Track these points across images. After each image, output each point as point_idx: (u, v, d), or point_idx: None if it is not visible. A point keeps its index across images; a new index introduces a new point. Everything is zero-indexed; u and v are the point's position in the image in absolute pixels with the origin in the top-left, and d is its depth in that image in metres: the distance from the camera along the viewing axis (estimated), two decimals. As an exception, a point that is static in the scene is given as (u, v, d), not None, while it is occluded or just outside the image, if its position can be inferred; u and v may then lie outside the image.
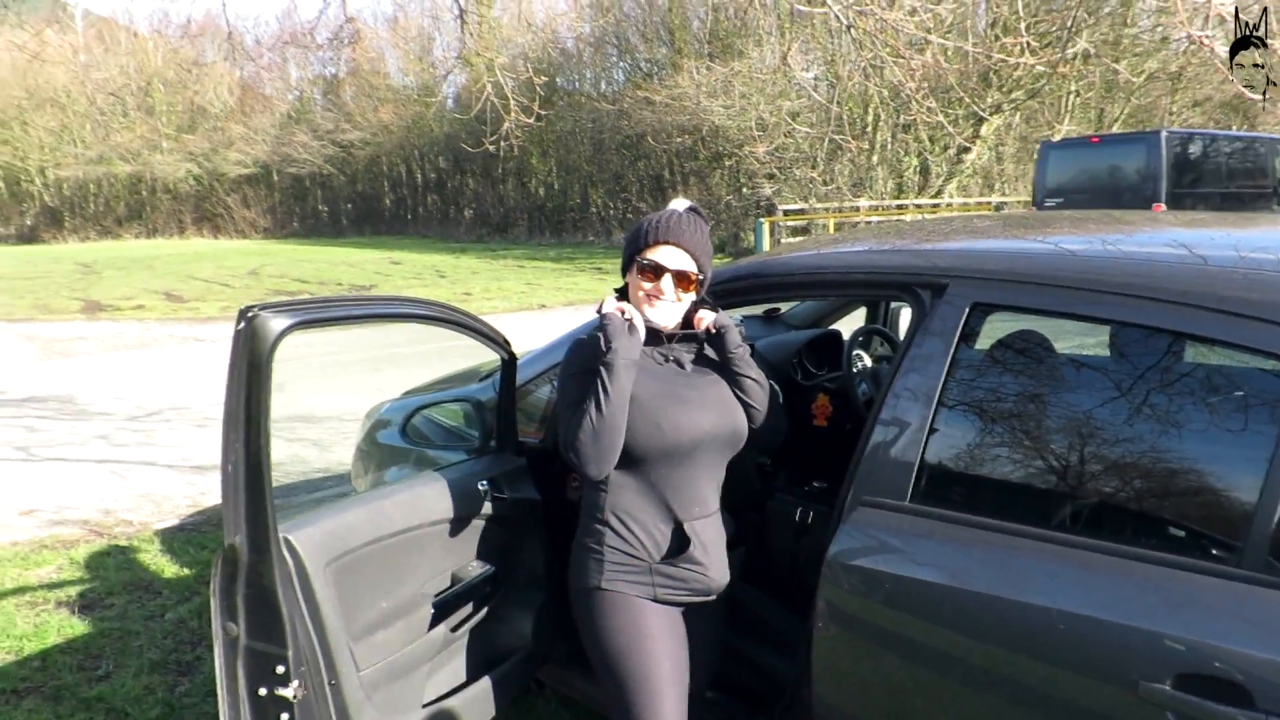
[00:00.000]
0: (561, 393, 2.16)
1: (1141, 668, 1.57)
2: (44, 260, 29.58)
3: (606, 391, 2.01)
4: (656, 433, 2.05)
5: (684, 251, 2.15)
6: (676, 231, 2.14)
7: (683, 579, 2.14)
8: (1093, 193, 13.13)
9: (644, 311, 2.17)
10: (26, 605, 4.33)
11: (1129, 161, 12.96)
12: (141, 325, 15.05)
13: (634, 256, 2.19)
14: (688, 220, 2.17)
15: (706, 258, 2.20)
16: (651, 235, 2.15)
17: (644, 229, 2.18)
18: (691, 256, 2.16)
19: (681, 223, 2.16)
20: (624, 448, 2.07)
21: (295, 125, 42.74)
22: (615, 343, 2.05)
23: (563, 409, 2.12)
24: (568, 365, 2.18)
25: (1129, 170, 12.93)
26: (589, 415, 2.01)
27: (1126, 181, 12.90)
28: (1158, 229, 2.53)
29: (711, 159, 28.37)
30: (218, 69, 38.03)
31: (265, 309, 1.84)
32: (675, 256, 2.15)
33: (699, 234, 2.17)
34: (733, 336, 2.20)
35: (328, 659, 2.02)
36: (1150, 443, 1.82)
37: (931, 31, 5.53)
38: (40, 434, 7.84)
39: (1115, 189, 12.97)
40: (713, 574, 2.18)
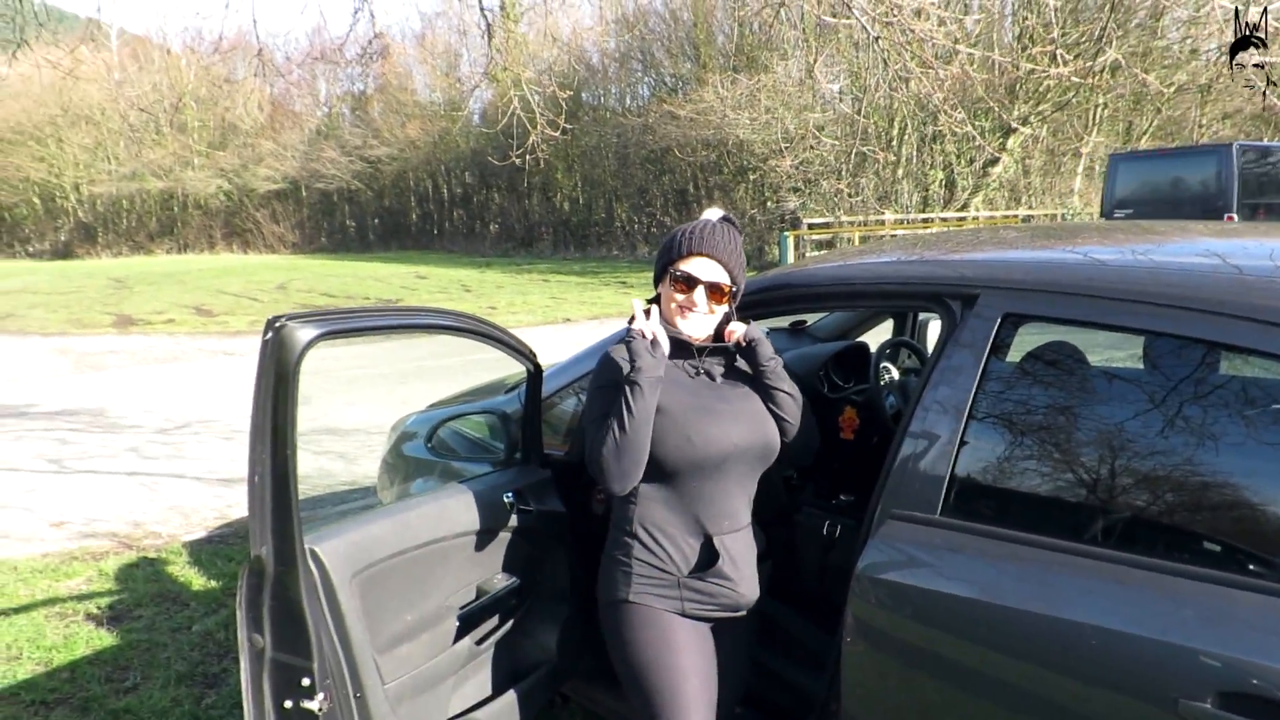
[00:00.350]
0: (588, 405, 2.15)
1: (1181, 686, 1.53)
2: (78, 275, 30.03)
3: (630, 409, 2.00)
4: (686, 445, 2.04)
5: (717, 263, 2.13)
6: (710, 243, 2.12)
7: (711, 594, 2.11)
8: (1162, 204, 13.49)
9: (676, 323, 2.15)
10: (56, 616, 4.36)
11: (1199, 173, 13.25)
12: (172, 339, 15.23)
13: (667, 267, 2.17)
14: (721, 231, 2.15)
15: (740, 269, 2.18)
16: (685, 246, 2.13)
17: (677, 240, 2.16)
18: (724, 268, 2.14)
19: (715, 233, 2.14)
20: (653, 460, 2.05)
21: (324, 141, 43.23)
22: (639, 361, 2.03)
23: (589, 422, 2.11)
24: (596, 377, 2.17)
25: (1199, 181, 13.23)
26: (612, 432, 2.00)
27: (1196, 192, 13.19)
28: (1189, 238, 2.49)
29: (736, 173, 28.38)
30: (248, 86, 38.50)
31: (293, 319, 1.84)
32: (708, 268, 2.13)
33: (732, 245, 2.15)
34: (764, 349, 2.18)
35: (353, 671, 2.02)
36: (1186, 455, 1.78)
37: (959, 43, 5.50)
38: (72, 446, 7.93)
39: (1185, 200, 13.31)
40: (742, 589, 2.15)
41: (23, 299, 21.94)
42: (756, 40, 27.28)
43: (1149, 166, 14.35)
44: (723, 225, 2.17)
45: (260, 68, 6.33)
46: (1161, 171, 14.07)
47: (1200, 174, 13.18)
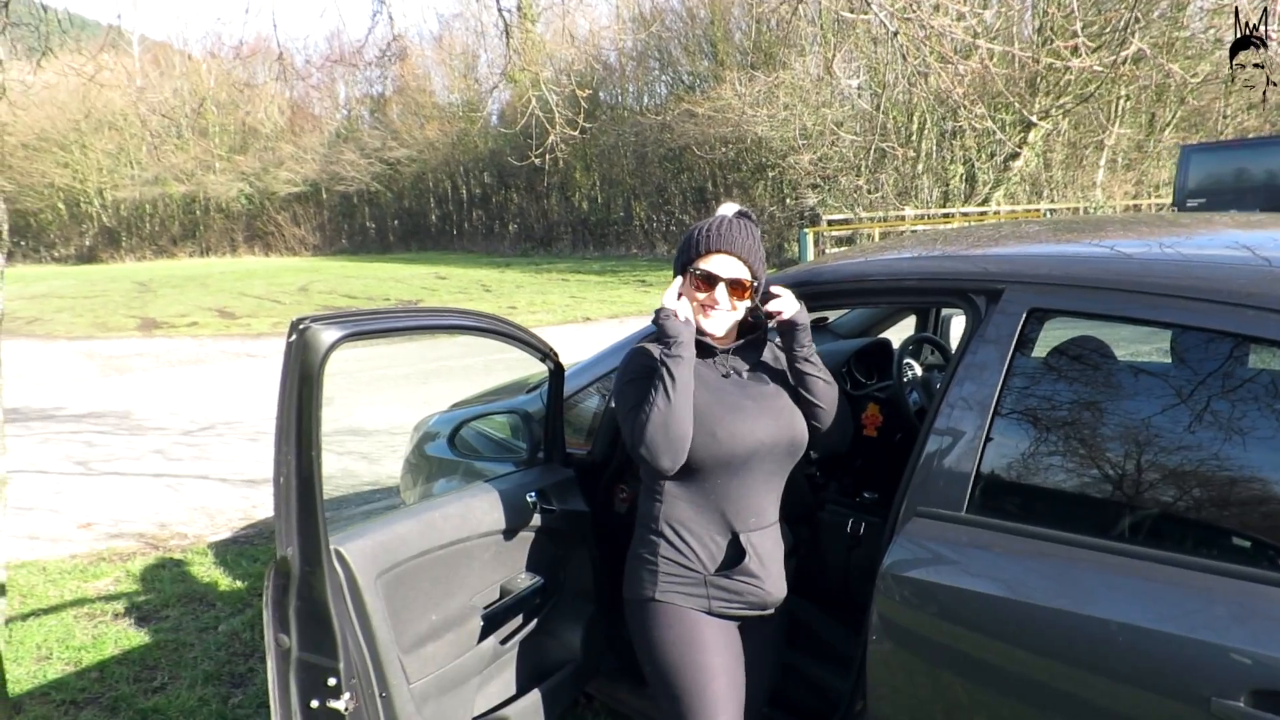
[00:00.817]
0: (621, 398, 2.12)
1: (1213, 684, 1.51)
2: (102, 279, 30.34)
3: (673, 378, 2.00)
4: (712, 441, 2.02)
5: (737, 259, 2.12)
6: (729, 239, 2.11)
7: (738, 592, 2.10)
8: (1234, 194, 13.87)
9: (698, 321, 2.13)
10: (85, 617, 4.41)
11: (1272, 164, 13.77)
12: (195, 341, 15.35)
13: (686, 266, 2.15)
14: (739, 226, 2.14)
15: (760, 263, 2.16)
16: (703, 244, 2.11)
17: (695, 238, 2.14)
18: (744, 264, 2.12)
19: (733, 229, 2.12)
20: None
21: (343, 144, 43.49)
22: (674, 334, 2.04)
23: (625, 412, 2.09)
24: (625, 372, 2.16)
25: (1272, 172, 13.74)
26: (656, 407, 1.98)
27: (1269, 183, 13.68)
28: (1215, 231, 2.46)
29: (755, 170, 28.32)
30: (268, 90, 38.80)
31: (317, 321, 1.85)
32: (728, 265, 2.12)
33: (751, 240, 2.14)
34: (805, 333, 2.16)
35: (379, 671, 2.03)
36: (1214, 450, 1.76)
37: (979, 37, 5.46)
38: (98, 449, 8.01)
39: (1258, 190, 13.74)
40: (769, 587, 2.14)
41: (49, 303, 22.18)
42: (774, 37, 27.21)
43: (1222, 157, 14.67)
44: (740, 220, 2.16)
45: (281, 71, 6.36)
46: (1234, 162, 14.47)
47: (1273, 164, 13.64)
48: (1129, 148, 25.52)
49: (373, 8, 6.19)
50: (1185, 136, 25.35)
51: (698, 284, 2.12)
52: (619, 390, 2.15)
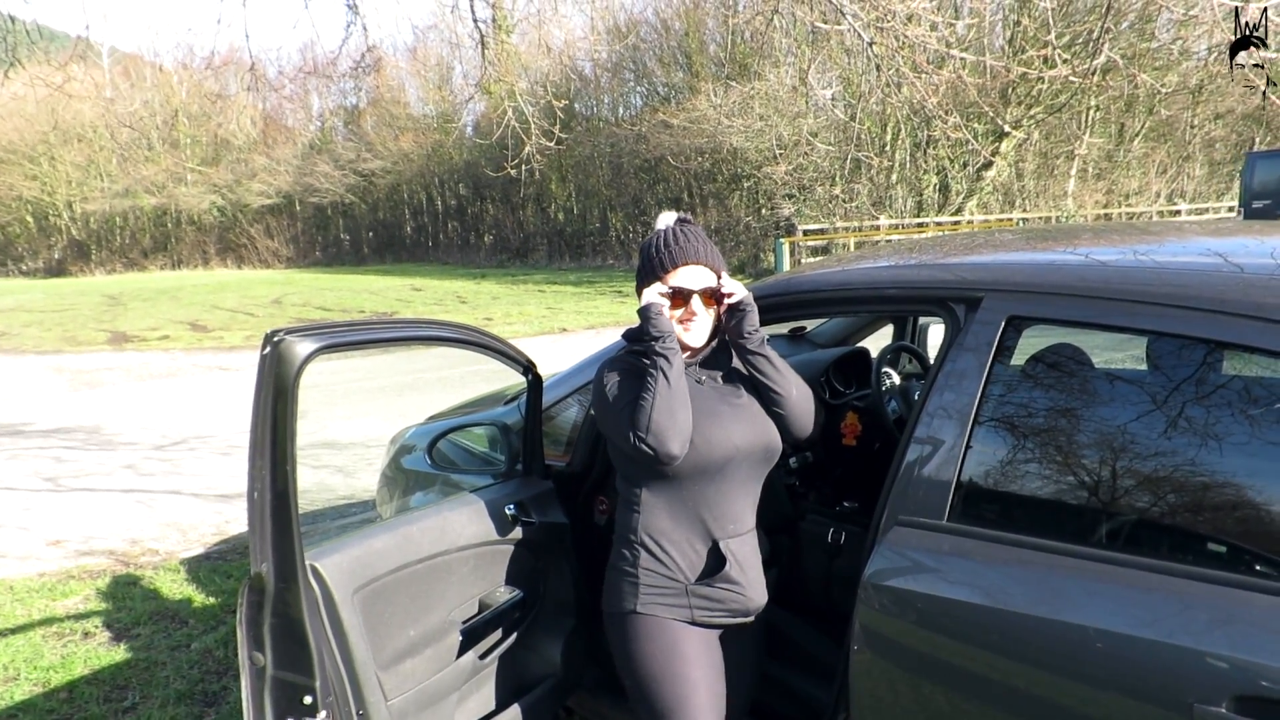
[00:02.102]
0: (604, 401, 2.10)
1: (1194, 690, 1.51)
2: (71, 293, 29.99)
3: (671, 364, 2.01)
4: (690, 450, 2.02)
5: (702, 266, 2.14)
6: (691, 250, 2.13)
7: (720, 600, 2.10)
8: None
9: (682, 338, 2.14)
10: (54, 636, 4.33)
11: None
12: (167, 355, 15.19)
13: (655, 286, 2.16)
14: (691, 234, 2.16)
15: (721, 264, 2.19)
16: (667, 261, 2.13)
17: (657, 257, 2.15)
18: (709, 269, 2.15)
19: (690, 238, 2.15)
20: (656, 466, 2.04)
21: (317, 155, 43.28)
22: (662, 327, 2.05)
23: (618, 408, 2.06)
24: (606, 378, 2.13)
25: None
26: (657, 394, 1.98)
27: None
28: (1188, 238, 2.48)
29: (730, 180, 28.44)
30: (241, 101, 38.57)
31: (291, 333, 1.82)
32: (696, 275, 2.13)
33: (706, 243, 2.17)
34: (751, 319, 2.16)
35: (355, 688, 1.99)
36: (1191, 456, 1.76)
37: (951, 47, 5.51)
38: (68, 464, 7.89)
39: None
40: (750, 594, 2.14)
41: (17, 317, 21.89)
42: (749, 48, 27.39)
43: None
44: (688, 229, 2.18)
45: (253, 82, 6.32)
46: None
47: None
48: (1099, 157, 25.84)
49: (346, 19, 6.16)
50: (1153, 146, 25.72)
51: (673, 302, 2.13)
52: (605, 391, 2.11)
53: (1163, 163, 25.75)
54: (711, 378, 2.19)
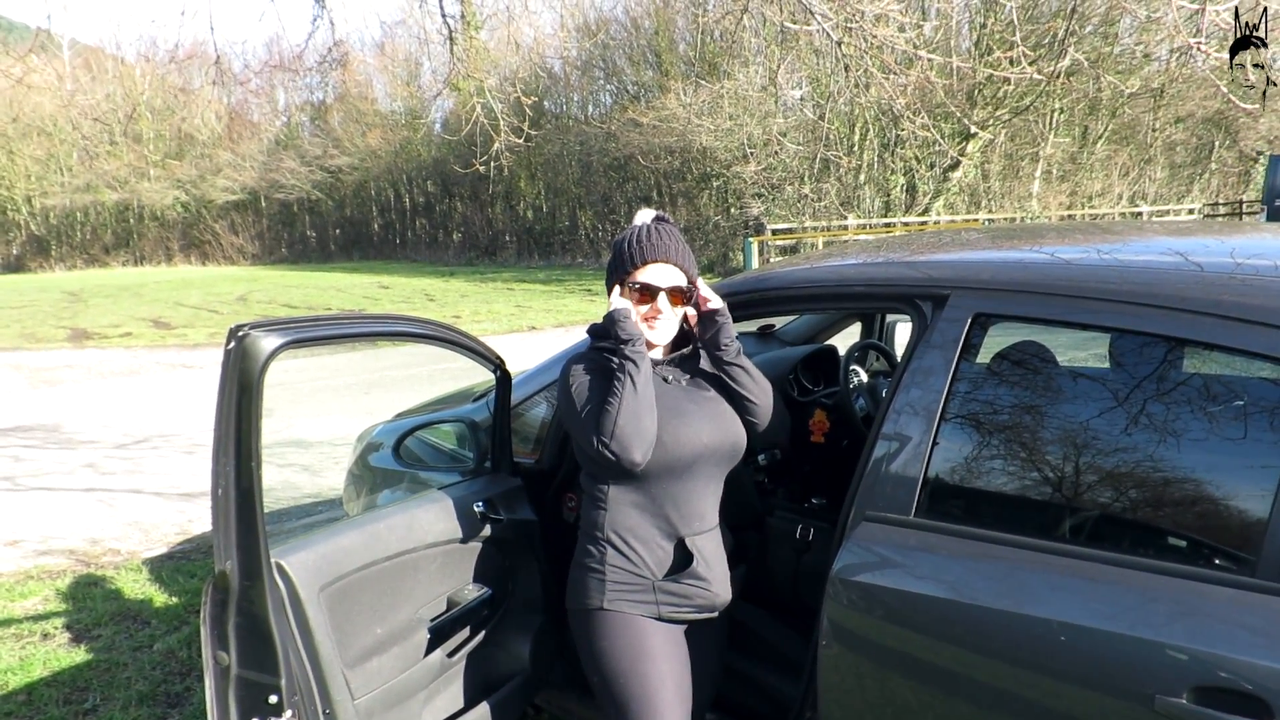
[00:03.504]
0: (570, 401, 2.09)
1: (1156, 681, 1.53)
2: (30, 289, 29.47)
3: (640, 371, 2.01)
4: (657, 447, 2.02)
5: (672, 265, 2.13)
6: (662, 248, 2.12)
7: (686, 595, 2.10)
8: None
9: (647, 335, 2.14)
10: (11, 638, 4.25)
11: None
12: (129, 353, 14.96)
13: (623, 281, 2.15)
14: (667, 232, 2.15)
15: (691, 264, 2.18)
16: (638, 256, 2.11)
17: (627, 252, 2.14)
18: (678, 268, 2.14)
19: (662, 236, 2.13)
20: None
21: (283, 151, 42.86)
22: (631, 330, 2.05)
23: (584, 410, 2.05)
24: (573, 376, 2.12)
25: None
26: (622, 399, 1.97)
27: None
28: (1150, 238, 2.52)
29: (700, 179, 28.50)
30: (205, 95, 38.08)
31: (256, 327, 1.80)
32: (665, 273, 2.13)
33: (679, 244, 2.16)
34: (729, 331, 2.17)
35: (321, 687, 1.97)
36: (1153, 452, 1.79)
37: (919, 48, 5.55)
38: (26, 463, 7.75)
39: None
40: (716, 589, 2.14)
41: (-26, 314, 21.47)
42: (718, 48, 27.44)
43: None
44: (662, 227, 2.16)
45: (219, 76, 6.23)
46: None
47: None
48: (1063, 159, 26.16)
49: (313, 12, 6.09)
50: (1116, 149, 26.09)
51: (640, 297, 2.13)
52: (571, 391, 2.10)
53: (1125, 165, 26.11)
54: (678, 376, 2.18)
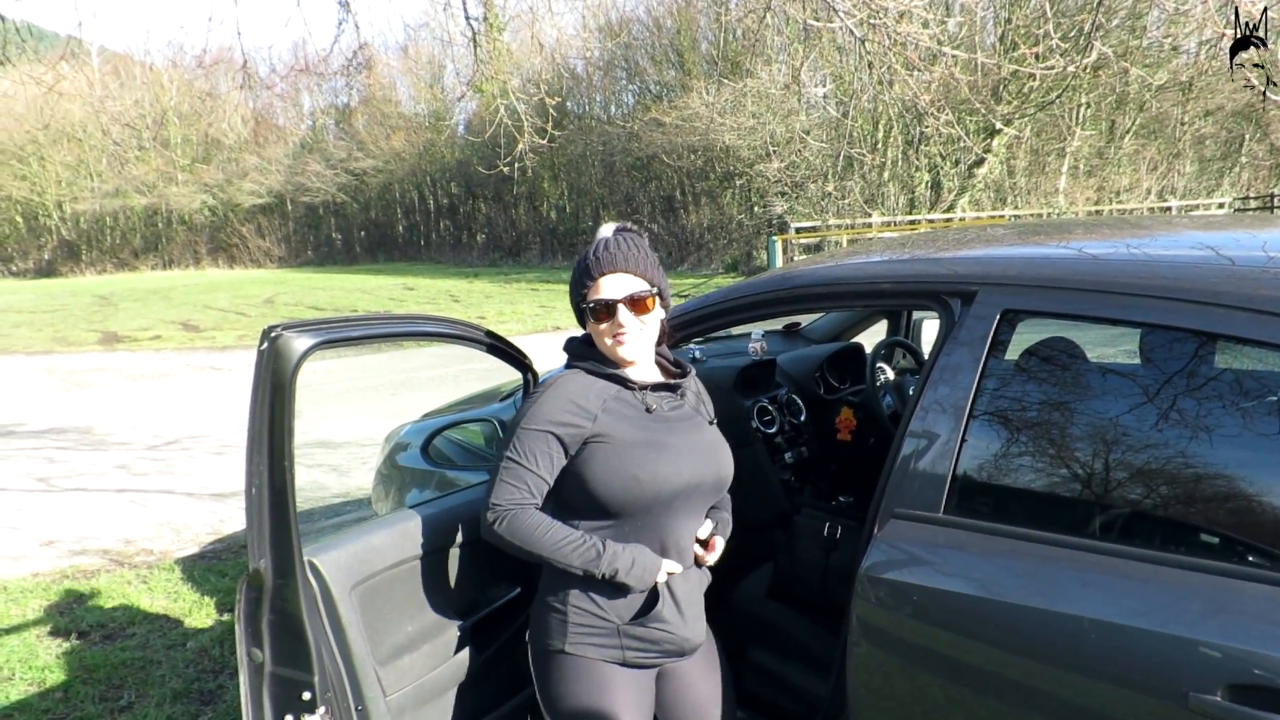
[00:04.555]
0: (513, 448, 1.95)
1: (1190, 679, 1.52)
2: (62, 293, 29.87)
3: (573, 564, 1.90)
4: (634, 485, 1.91)
5: (627, 274, 1.99)
6: (611, 259, 1.98)
7: (654, 640, 1.98)
8: None
9: (618, 353, 2.01)
10: (48, 636, 4.32)
11: None
12: (159, 355, 15.14)
13: (581, 305, 2.04)
14: (620, 242, 2.02)
15: (655, 270, 2.04)
16: (595, 269, 1.99)
17: (579, 272, 2.03)
18: (637, 275, 2.00)
19: (615, 247, 2.00)
20: (597, 500, 1.93)
21: (308, 154, 43.15)
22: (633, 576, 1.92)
23: (507, 457, 1.95)
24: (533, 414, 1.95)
25: None
26: (550, 535, 1.90)
27: None
28: (1178, 232, 2.50)
29: (723, 178, 28.45)
30: (232, 100, 38.46)
31: (289, 328, 1.82)
32: (620, 283, 1.99)
33: (637, 251, 2.02)
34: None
35: (354, 684, 1.99)
36: (1184, 448, 1.78)
37: (943, 44, 5.52)
38: (60, 465, 7.87)
39: None
40: (686, 633, 2.02)
41: (6, 318, 21.80)
42: (740, 46, 27.37)
43: None
44: (621, 237, 2.03)
45: (245, 80, 6.30)
46: None
47: None
48: (1090, 154, 25.90)
49: (339, 16, 6.15)
50: (1144, 143, 25.81)
51: (598, 316, 1.99)
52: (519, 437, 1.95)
53: (1153, 159, 25.82)
54: (662, 404, 2.04)
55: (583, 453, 1.94)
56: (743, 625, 2.85)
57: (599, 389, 1.99)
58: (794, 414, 3.54)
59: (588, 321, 2.04)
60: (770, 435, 3.37)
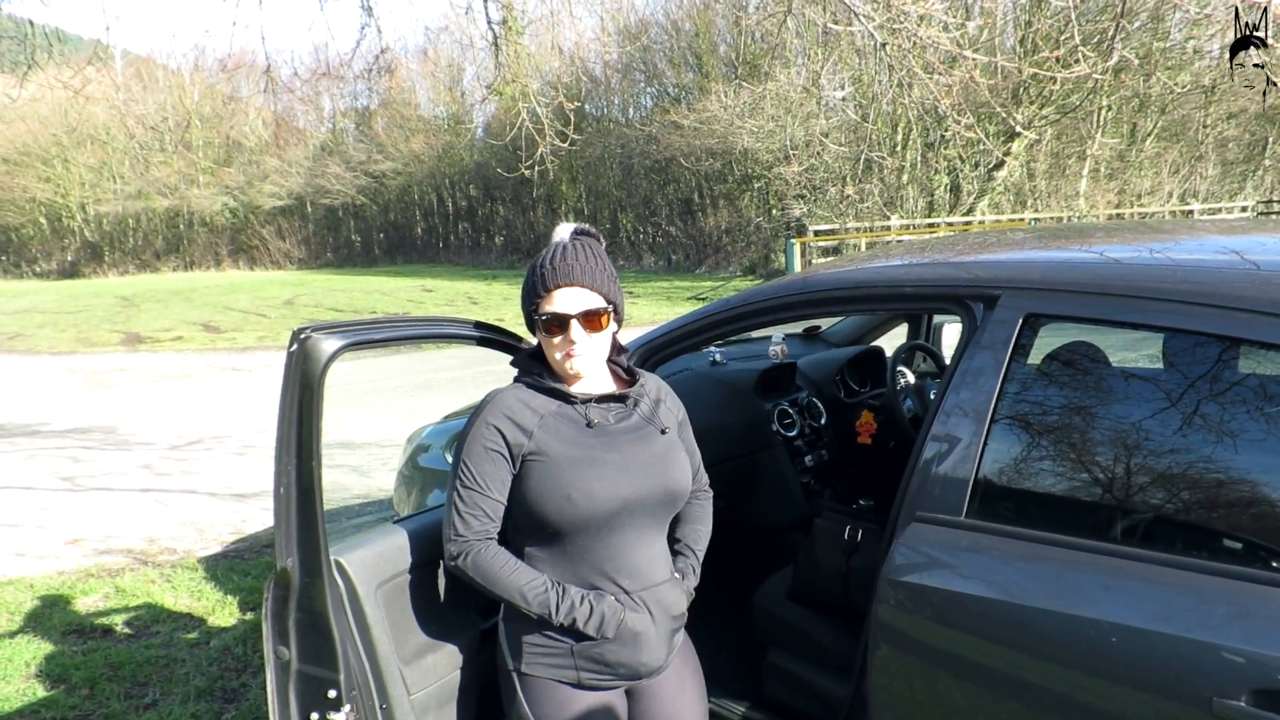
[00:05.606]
0: (463, 468, 1.91)
1: (1213, 684, 1.52)
2: (85, 294, 30.17)
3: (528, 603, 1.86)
4: (567, 505, 1.83)
5: (582, 289, 1.90)
6: (566, 270, 1.89)
7: (608, 663, 1.90)
8: None
9: (566, 368, 1.93)
10: (74, 634, 4.37)
11: None
12: (180, 356, 15.27)
13: (533, 314, 1.95)
14: (577, 251, 1.93)
15: (610, 282, 1.95)
16: (548, 280, 1.90)
17: (532, 280, 1.93)
18: (592, 290, 1.91)
19: (570, 256, 1.91)
20: (535, 520, 1.88)
21: (328, 157, 43.40)
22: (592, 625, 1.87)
23: (459, 484, 1.91)
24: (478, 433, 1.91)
25: None
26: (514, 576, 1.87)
27: None
28: (1202, 236, 2.49)
29: (741, 181, 28.42)
30: (253, 103, 38.74)
31: (318, 330, 1.85)
32: (575, 298, 1.90)
33: (594, 262, 1.93)
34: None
35: (379, 682, 2.01)
36: (1207, 452, 1.77)
37: (963, 48, 5.51)
38: (84, 464, 7.95)
39: None
40: (643, 658, 1.93)
41: (31, 319, 22.04)
42: (759, 49, 27.35)
43: None
44: (578, 243, 1.95)
45: (268, 84, 6.35)
46: None
47: None
48: (1111, 157, 25.72)
49: (361, 20, 6.21)
50: (1166, 146, 25.62)
51: (550, 329, 1.91)
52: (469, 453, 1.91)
53: (1175, 162, 25.61)
54: (605, 417, 1.96)
55: (521, 470, 1.89)
56: (763, 627, 2.86)
57: (538, 404, 1.93)
58: (814, 417, 3.55)
59: (538, 333, 1.97)
60: (790, 438, 3.38)
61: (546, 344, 1.95)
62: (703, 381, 3.43)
